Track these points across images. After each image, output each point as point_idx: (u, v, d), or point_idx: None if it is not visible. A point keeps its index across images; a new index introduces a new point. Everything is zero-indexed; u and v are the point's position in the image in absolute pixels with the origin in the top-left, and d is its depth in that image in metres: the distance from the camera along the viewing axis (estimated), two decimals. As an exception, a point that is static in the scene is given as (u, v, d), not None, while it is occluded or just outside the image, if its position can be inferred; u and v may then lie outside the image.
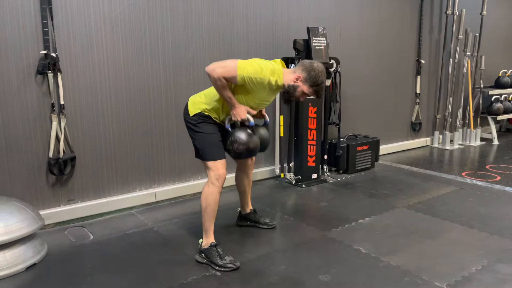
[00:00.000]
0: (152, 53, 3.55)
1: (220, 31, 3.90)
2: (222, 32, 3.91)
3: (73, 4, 3.14)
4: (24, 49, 2.99)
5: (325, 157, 4.52)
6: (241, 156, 2.68)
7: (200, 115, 2.63)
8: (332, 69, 4.32)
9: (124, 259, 2.71)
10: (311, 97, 2.72)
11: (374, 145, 4.87)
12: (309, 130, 4.20)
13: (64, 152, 3.22)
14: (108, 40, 3.32)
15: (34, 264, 2.65)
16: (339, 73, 4.44)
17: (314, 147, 4.27)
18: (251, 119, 2.62)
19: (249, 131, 2.61)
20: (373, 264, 2.61)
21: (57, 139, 3.17)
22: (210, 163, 2.61)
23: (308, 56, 4.02)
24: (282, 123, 4.11)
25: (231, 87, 2.56)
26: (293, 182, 4.21)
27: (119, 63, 3.40)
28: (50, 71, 3.06)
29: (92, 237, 3.07)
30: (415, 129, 5.97)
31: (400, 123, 5.80)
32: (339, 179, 4.45)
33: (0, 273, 2.48)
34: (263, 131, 2.83)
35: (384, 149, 5.50)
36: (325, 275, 2.48)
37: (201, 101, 2.66)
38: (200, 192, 2.68)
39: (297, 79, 2.57)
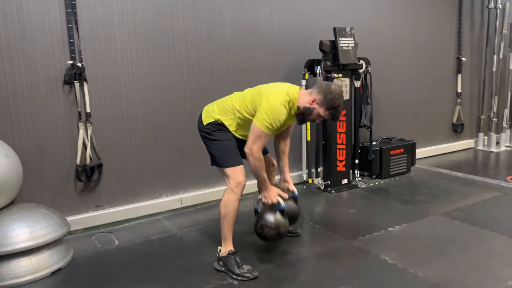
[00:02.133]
0: (176, 60, 3.57)
1: (244, 37, 3.86)
2: (246, 38, 3.88)
3: (98, 15, 3.21)
4: (51, 59, 3.09)
5: (356, 161, 4.36)
6: (269, 240, 2.66)
7: (214, 123, 2.61)
8: (361, 70, 4.16)
9: (145, 266, 2.72)
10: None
11: (409, 149, 4.65)
12: (338, 134, 4.07)
13: (91, 159, 3.29)
14: (132, 49, 3.37)
15: (60, 269, 2.71)
16: (370, 74, 4.27)
17: (344, 151, 4.13)
18: (282, 203, 2.60)
19: (279, 214, 2.58)
20: (399, 276, 2.46)
21: (84, 146, 3.25)
22: (229, 170, 2.57)
23: (335, 57, 3.90)
24: (309, 127, 4.01)
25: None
26: (322, 188, 4.09)
27: (143, 72, 3.44)
28: (76, 81, 3.15)
29: (117, 242, 3.11)
30: (457, 130, 5.65)
31: (440, 124, 5.51)
32: (371, 185, 4.28)
33: (26, 278, 2.56)
34: (292, 205, 2.80)
35: (422, 152, 5.24)
36: (346, 287, 2.36)
37: (215, 111, 2.65)
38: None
39: (313, 101, 2.50)
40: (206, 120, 2.64)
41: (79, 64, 3.15)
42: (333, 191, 4.05)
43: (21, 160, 2.99)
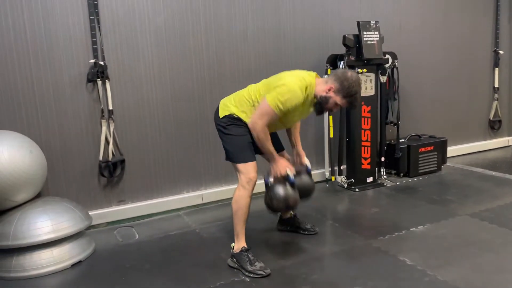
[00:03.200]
0: (197, 57, 3.60)
1: (265, 33, 3.83)
2: (268, 33, 3.84)
3: (120, 13, 3.28)
4: (75, 58, 3.18)
5: (382, 159, 4.24)
6: (277, 212, 2.62)
7: (229, 117, 2.59)
8: (387, 65, 4.03)
9: (161, 260, 2.76)
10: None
11: (440, 146, 4.46)
12: (362, 131, 3.96)
13: (113, 155, 3.37)
14: (153, 48, 3.42)
15: (80, 262, 2.79)
16: (397, 68, 4.13)
17: (369, 148, 4.02)
18: (291, 175, 2.55)
19: (289, 187, 2.54)
20: (417, 278, 2.36)
21: (107, 143, 3.33)
22: (241, 166, 2.55)
23: (359, 52, 3.79)
24: (331, 124, 3.93)
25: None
26: (345, 186, 4.00)
27: (164, 69, 3.49)
28: (99, 79, 3.23)
29: (137, 237, 3.18)
30: (494, 127, 5.37)
31: (475, 121, 5.25)
32: (398, 183, 4.14)
33: (47, 269, 2.65)
34: (305, 179, 2.75)
35: (455, 150, 5.03)
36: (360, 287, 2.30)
37: (231, 104, 2.63)
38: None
39: (329, 89, 2.44)
40: (222, 113, 2.63)
41: (101, 63, 3.23)
42: (357, 190, 3.96)
43: (48, 156, 3.12)
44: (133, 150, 3.47)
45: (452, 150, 4.97)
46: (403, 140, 4.41)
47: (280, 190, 2.53)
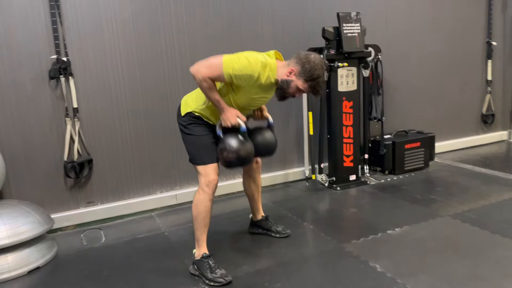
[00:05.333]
0: (168, 51, 3.44)
1: (241, 24, 3.67)
2: (244, 24, 3.67)
3: (83, 7, 3.12)
4: (36, 54, 3.04)
5: (366, 156, 4.08)
6: (231, 165, 2.43)
7: (190, 115, 2.44)
8: (370, 58, 3.85)
9: (121, 266, 2.63)
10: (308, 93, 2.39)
11: (427, 142, 4.29)
12: (344, 127, 3.80)
13: (80, 155, 3.24)
14: (121, 42, 3.27)
15: (38, 268, 2.67)
16: (381, 62, 3.96)
17: (351, 145, 3.86)
18: (243, 125, 2.36)
19: (240, 137, 2.35)
20: (385, 287, 2.22)
21: (72, 142, 3.19)
22: (200, 168, 2.41)
23: (340, 45, 3.62)
24: (311, 120, 3.77)
25: (221, 86, 2.33)
26: (326, 185, 3.85)
27: (133, 65, 3.34)
28: (62, 75, 3.08)
29: (103, 240, 3.05)
30: (487, 122, 5.18)
31: (467, 115, 5.07)
32: (382, 181, 3.98)
33: (1, 276, 2.53)
34: (267, 134, 2.59)
35: (445, 145, 4.86)
36: (323, 297, 2.16)
37: (192, 101, 2.47)
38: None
39: (290, 73, 2.27)
40: (183, 111, 2.47)
41: (64, 59, 3.08)
42: (338, 188, 3.80)
43: (10, 157, 3.01)
44: (102, 149, 3.34)
45: (442, 146, 4.80)
46: (388, 136, 4.25)
47: (231, 140, 2.33)
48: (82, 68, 3.18)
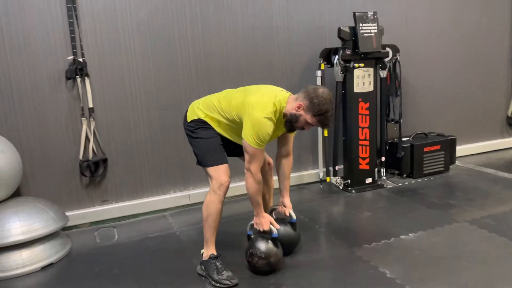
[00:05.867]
0: (183, 55, 3.46)
1: (255, 25, 3.65)
2: (258, 25, 3.66)
3: (99, 9, 3.18)
4: (53, 55, 3.10)
5: (383, 159, 4.00)
6: (259, 271, 2.42)
7: (197, 121, 2.46)
8: (387, 59, 3.77)
9: (131, 265, 2.66)
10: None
11: (448, 145, 4.17)
12: (360, 129, 3.74)
13: (95, 154, 3.29)
14: (136, 43, 3.31)
15: (51, 264, 2.73)
16: (399, 62, 3.87)
17: (368, 147, 3.79)
18: (275, 231, 2.40)
19: (271, 243, 2.38)
20: (393, 293, 2.16)
21: (88, 141, 3.25)
22: (211, 170, 2.41)
23: (356, 45, 3.56)
24: (326, 122, 3.71)
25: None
26: (341, 187, 3.79)
27: (148, 66, 3.37)
28: (78, 76, 3.15)
29: (116, 238, 3.09)
30: (513, 124, 5.00)
31: (491, 118, 4.90)
32: (400, 185, 3.89)
33: (15, 271, 2.60)
34: (290, 231, 2.60)
35: (468, 149, 4.71)
36: (328, 302, 2.12)
37: (198, 108, 2.49)
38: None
39: (298, 107, 2.27)
40: (190, 117, 2.51)
41: (80, 59, 3.14)
42: (353, 191, 3.74)
43: (28, 155, 3.09)
44: (117, 149, 3.38)
45: (464, 149, 4.66)
46: (407, 138, 4.15)
47: (262, 246, 2.37)
48: (97, 68, 3.23)
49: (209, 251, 2.45)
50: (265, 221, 2.42)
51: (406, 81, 4.24)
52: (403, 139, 4.10)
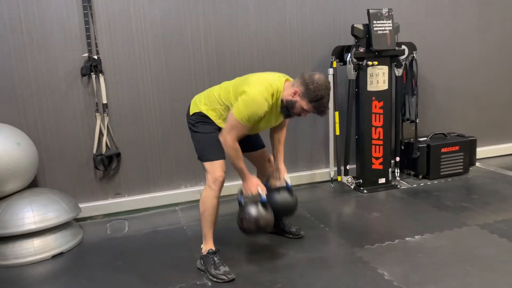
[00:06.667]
0: (196, 52, 3.51)
1: (268, 21, 3.65)
2: (271, 21, 3.66)
3: (114, 7, 3.27)
4: (70, 52, 3.22)
5: (397, 159, 3.91)
6: (250, 233, 2.47)
7: (198, 114, 2.50)
8: (403, 57, 3.68)
9: (135, 257, 2.74)
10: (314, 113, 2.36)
11: (467, 146, 4.03)
12: (373, 128, 3.67)
13: (108, 148, 3.40)
14: (149, 41, 3.38)
15: (62, 253, 2.84)
16: (415, 60, 3.77)
17: (381, 147, 3.72)
18: (263, 195, 2.43)
19: (260, 207, 2.41)
20: (388, 296, 2.13)
21: (101, 136, 3.36)
22: (207, 165, 2.45)
23: (369, 42, 3.50)
24: (337, 120, 3.67)
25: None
26: (352, 187, 3.74)
27: (160, 63, 3.44)
28: (93, 73, 3.25)
29: (126, 231, 3.19)
30: (542, 126, 4.76)
31: (518, 118, 4.70)
32: (414, 186, 3.80)
33: (27, 259, 2.73)
34: (285, 195, 2.60)
35: (491, 150, 4.54)
36: (321, 302, 2.11)
37: (201, 102, 2.53)
38: None
39: (294, 93, 2.27)
40: (192, 110, 2.55)
41: (95, 57, 3.25)
42: (365, 191, 3.68)
43: (44, 148, 3.23)
44: (129, 144, 3.48)
45: (487, 151, 4.50)
46: (424, 138, 4.04)
47: (251, 210, 2.40)
48: (112, 66, 3.33)
49: (207, 246, 2.49)
50: (253, 185, 2.43)
51: (425, 79, 4.13)
52: (421, 139, 3.99)
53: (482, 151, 4.39)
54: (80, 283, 2.45)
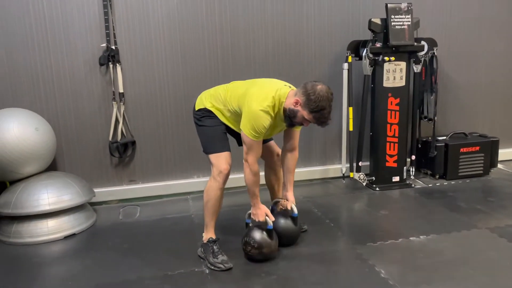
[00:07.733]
0: (211, 44, 3.55)
1: (285, 15, 3.64)
2: (288, 15, 3.65)
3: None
4: (89, 41, 3.34)
5: (413, 157, 3.83)
6: (252, 259, 2.48)
7: (204, 110, 2.55)
8: (422, 53, 3.59)
9: (141, 242, 2.83)
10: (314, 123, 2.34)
11: (488, 147, 3.90)
12: (388, 125, 3.61)
13: (124, 136, 3.51)
14: (165, 32, 3.45)
15: (74, 234, 2.98)
16: (436, 57, 3.66)
17: (396, 145, 3.65)
18: (270, 223, 2.45)
19: (265, 234, 2.44)
20: (381, 294, 2.11)
21: (117, 124, 3.47)
22: (212, 157, 2.49)
23: (386, 37, 3.43)
24: (351, 116, 3.63)
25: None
26: (364, 184, 3.69)
27: (176, 54, 3.51)
28: (110, 62, 3.36)
29: (136, 216, 3.29)
30: None
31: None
32: (430, 185, 3.72)
33: (40, 238, 2.88)
34: (290, 224, 2.62)
35: (517, 152, 4.36)
36: (312, 295, 2.12)
37: (206, 99, 2.58)
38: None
39: (296, 103, 2.27)
40: (198, 106, 2.60)
41: (113, 47, 3.35)
42: (377, 189, 3.64)
43: (64, 134, 3.39)
44: (145, 132, 3.58)
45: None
46: (443, 138, 3.93)
47: (256, 236, 2.44)
48: (129, 56, 3.43)
49: (208, 234, 2.54)
50: (261, 213, 2.47)
51: (448, 76, 4.01)
52: (440, 138, 3.89)
53: (506, 153, 4.23)
54: (83, 263, 2.56)
